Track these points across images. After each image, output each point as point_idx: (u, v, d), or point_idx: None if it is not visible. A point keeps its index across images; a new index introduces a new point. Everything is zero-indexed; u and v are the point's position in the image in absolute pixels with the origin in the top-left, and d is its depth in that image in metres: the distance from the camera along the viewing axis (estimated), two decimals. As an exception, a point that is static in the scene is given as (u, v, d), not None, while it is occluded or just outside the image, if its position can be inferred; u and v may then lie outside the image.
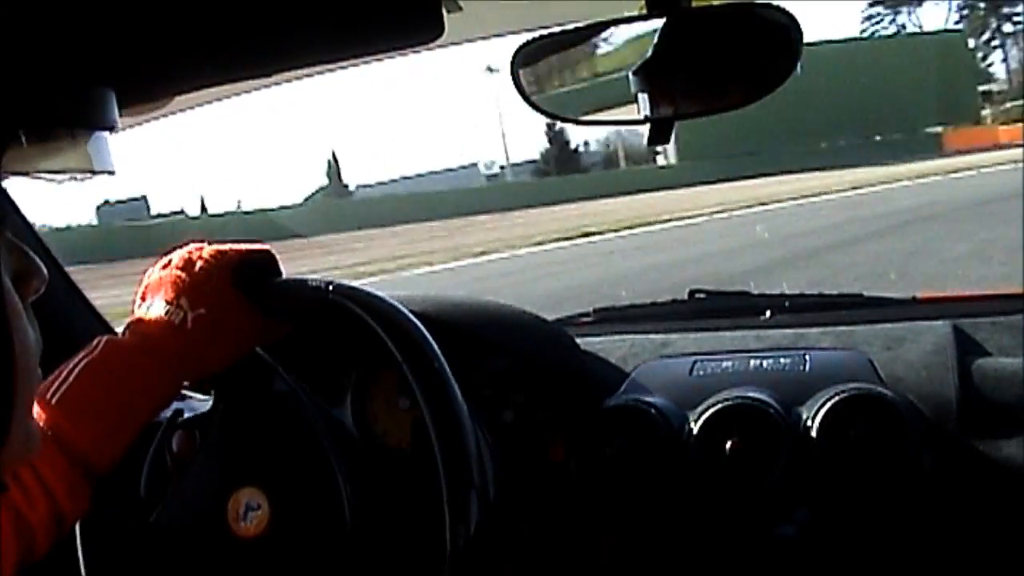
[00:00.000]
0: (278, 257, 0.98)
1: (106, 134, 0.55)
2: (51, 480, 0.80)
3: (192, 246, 0.95)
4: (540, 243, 14.64)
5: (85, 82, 0.52)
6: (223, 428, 0.95)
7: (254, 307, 0.92)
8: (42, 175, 0.53)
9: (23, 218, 1.17)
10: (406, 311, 0.92)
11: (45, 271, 0.52)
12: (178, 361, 0.88)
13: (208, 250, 0.94)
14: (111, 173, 0.55)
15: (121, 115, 0.57)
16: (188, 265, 0.92)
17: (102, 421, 0.84)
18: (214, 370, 0.93)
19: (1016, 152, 20.34)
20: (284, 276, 0.97)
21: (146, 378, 0.87)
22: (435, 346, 0.90)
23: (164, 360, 0.88)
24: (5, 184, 0.54)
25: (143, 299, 0.92)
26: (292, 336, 1.01)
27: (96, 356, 0.86)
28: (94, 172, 0.55)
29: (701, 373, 1.20)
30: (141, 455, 1.00)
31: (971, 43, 45.08)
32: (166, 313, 0.89)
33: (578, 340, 1.31)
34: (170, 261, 0.94)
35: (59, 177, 0.54)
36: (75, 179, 0.56)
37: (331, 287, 0.92)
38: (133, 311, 0.93)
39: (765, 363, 1.19)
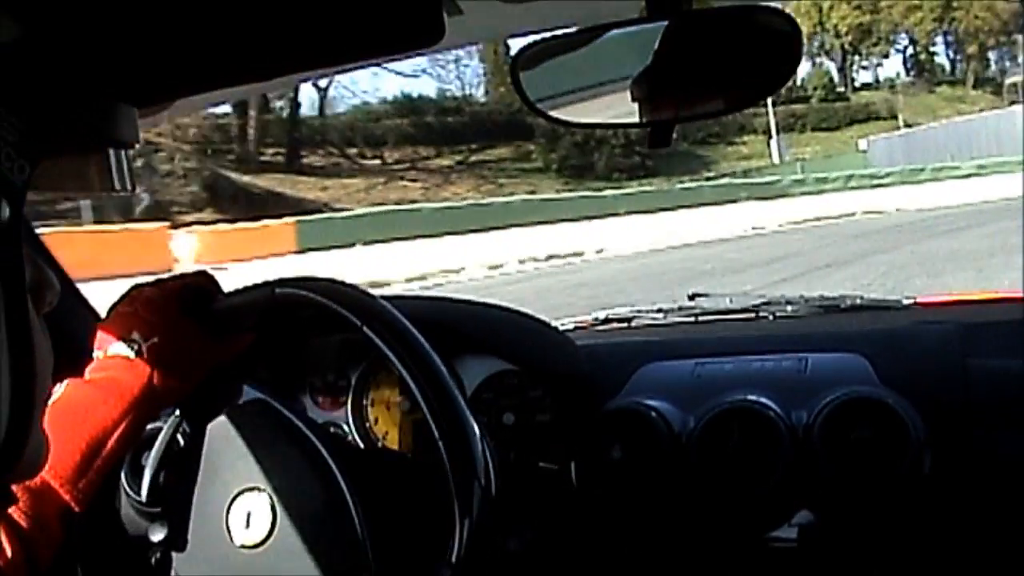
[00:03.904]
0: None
1: (123, 152, 0.56)
2: (20, 518, 0.82)
3: (135, 285, 0.98)
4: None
5: (106, 98, 0.52)
6: (202, 448, 0.96)
7: (205, 328, 0.95)
8: (68, 192, 0.54)
9: (31, 230, 1.17)
10: (356, 285, 0.92)
11: (58, 284, 0.52)
12: (140, 393, 0.90)
13: (150, 285, 0.97)
14: (132, 190, 0.56)
15: None
16: (134, 301, 0.95)
17: (69, 460, 0.85)
18: (178, 396, 0.95)
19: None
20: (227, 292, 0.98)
21: (109, 414, 0.88)
22: (396, 312, 0.89)
23: (125, 394, 0.90)
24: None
25: (98, 345, 0.94)
26: (267, 345, 1.02)
27: (59, 398, 0.88)
28: (116, 190, 0.55)
29: (702, 375, 1.20)
30: (139, 472, 1.01)
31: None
32: (121, 349, 0.92)
33: (579, 343, 1.31)
34: (117, 304, 0.97)
35: (84, 194, 0.55)
36: (98, 197, 0.56)
37: (276, 284, 0.92)
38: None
39: (766, 366, 1.19)
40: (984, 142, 36.58)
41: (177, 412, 0.97)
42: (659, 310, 1.48)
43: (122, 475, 1.09)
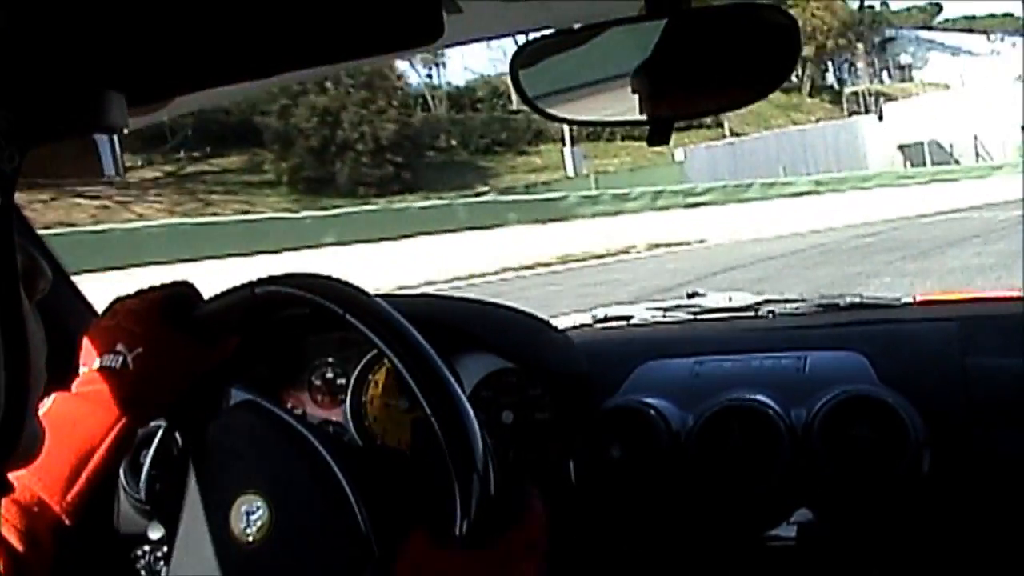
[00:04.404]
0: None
1: (114, 138, 0.56)
2: (10, 533, 0.82)
3: (117, 298, 0.99)
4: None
5: (95, 86, 0.52)
6: (193, 454, 0.96)
7: (188, 336, 0.95)
8: (55, 179, 0.54)
9: (24, 219, 1.17)
10: (340, 279, 0.91)
11: (49, 272, 0.52)
12: (127, 403, 0.91)
13: (131, 296, 0.98)
14: (123, 174, 0.56)
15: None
16: (116, 314, 0.96)
17: (59, 474, 0.86)
18: (166, 404, 0.95)
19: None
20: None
21: (98, 426, 0.89)
22: (379, 300, 0.89)
23: (113, 406, 0.90)
24: None
25: (83, 360, 0.94)
26: (255, 346, 1.02)
27: (46, 413, 0.88)
28: (105, 176, 0.55)
29: (701, 374, 1.20)
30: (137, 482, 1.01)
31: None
32: (107, 362, 0.92)
33: (578, 341, 1.31)
34: (100, 318, 0.97)
35: (70, 181, 0.55)
36: (85, 183, 0.56)
37: (256, 284, 0.92)
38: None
39: (765, 364, 1.19)
40: (822, 155, 33.58)
41: (165, 421, 0.97)
42: (658, 308, 1.48)
43: (121, 473, 1.09)
